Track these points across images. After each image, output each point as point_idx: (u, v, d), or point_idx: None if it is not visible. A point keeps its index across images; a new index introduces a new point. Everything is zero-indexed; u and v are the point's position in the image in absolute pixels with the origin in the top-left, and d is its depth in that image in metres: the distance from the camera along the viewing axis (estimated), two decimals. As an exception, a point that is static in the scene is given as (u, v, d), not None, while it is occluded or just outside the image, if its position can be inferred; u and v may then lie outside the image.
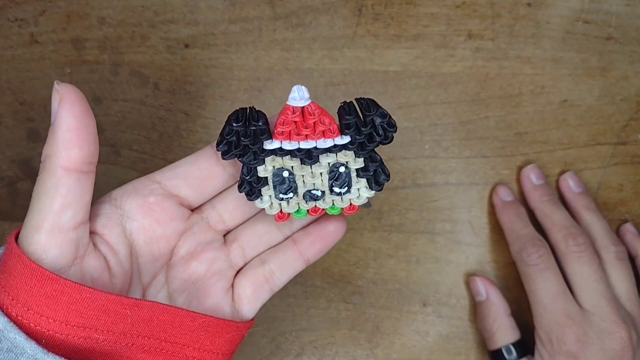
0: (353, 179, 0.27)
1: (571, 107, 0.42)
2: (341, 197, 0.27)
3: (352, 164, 0.27)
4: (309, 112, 0.26)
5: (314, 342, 0.42)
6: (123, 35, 0.42)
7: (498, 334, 0.38)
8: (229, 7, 0.42)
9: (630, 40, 0.41)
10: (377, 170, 0.27)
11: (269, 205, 0.27)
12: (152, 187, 0.29)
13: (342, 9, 0.42)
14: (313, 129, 0.26)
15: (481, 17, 0.41)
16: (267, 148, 0.26)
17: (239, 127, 0.26)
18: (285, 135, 0.26)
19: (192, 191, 0.29)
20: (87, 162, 0.25)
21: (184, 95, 0.42)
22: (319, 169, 0.27)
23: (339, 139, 0.26)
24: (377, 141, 0.26)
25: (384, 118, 0.26)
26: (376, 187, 0.27)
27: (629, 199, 0.41)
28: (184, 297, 0.30)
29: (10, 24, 0.42)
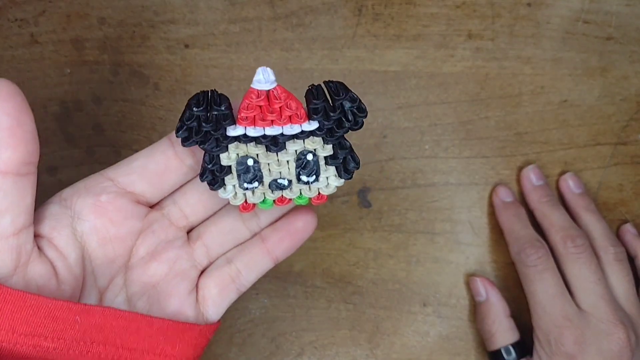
0: (321, 167, 0.25)
1: (571, 107, 0.42)
2: (309, 186, 0.26)
3: (321, 151, 0.25)
4: (274, 96, 0.24)
5: (314, 343, 0.42)
6: (123, 35, 0.42)
7: (497, 334, 0.38)
8: (229, 7, 0.42)
9: (630, 40, 0.41)
10: (347, 158, 0.26)
11: (232, 195, 0.26)
12: (104, 185, 0.27)
13: (342, 9, 0.42)
14: (279, 114, 0.24)
15: (481, 17, 0.41)
16: (230, 134, 0.24)
17: (200, 111, 0.24)
18: (250, 120, 0.24)
19: (148, 186, 0.27)
20: (24, 163, 0.23)
21: (184, 96, 0.42)
22: (286, 156, 0.25)
23: (306, 125, 0.25)
24: (347, 127, 0.25)
25: (354, 102, 0.25)
26: (345, 175, 0.26)
27: (629, 199, 0.41)
28: (144, 301, 0.28)
29: (10, 24, 0.42)
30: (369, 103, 0.42)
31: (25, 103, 0.23)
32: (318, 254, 0.42)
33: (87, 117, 0.42)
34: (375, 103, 0.42)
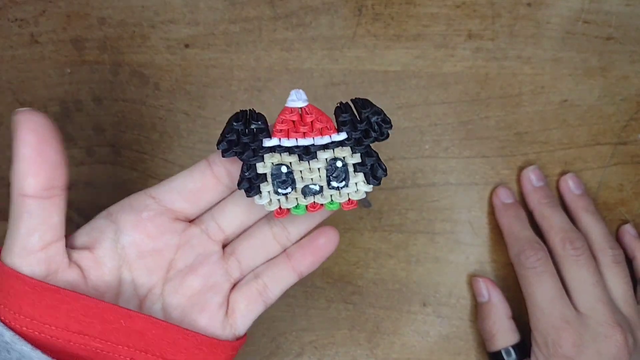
0: (350, 174, 0.27)
1: (571, 107, 0.42)
2: (339, 191, 0.27)
3: (349, 159, 0.27)
4: (306, 112, 0.27)
5: (314, 342, 0.42)
6: (123, 35, 0.42)
7: (498, 335, 0.38)
8: (229, 7, 0.42)
9: (630, 40, 0.41)
10: (374, 165, 0.27)
11: (267, 202, 0.27)
12: (147, 203, 0.29)
13: (342, 9, 0.42)
14: (311, 126, 0.27)
15: (481, 17, 0.41)
16: (266, 145, 0.27)
17: (239, 126, 0.27)
18: (284, 133, 0.27)
19: (187, 204, 0.30)
20: (46, 188, 0.25)
21: (184, 95, 0.42)
22: (317, 164, 0.27)
23: (335, 136, 0.27)
24: (373, 137, 0.27)
25: (379, 115, 0.27)
26: (374, 181, 0.28)
27: (629, 199, 0.41)
28: (179, 312, 0.30)
29: (11, 24, 0.42)
30: (369, 103, 0.42)
31: (49, 132, 0.25)
32: (318, 254, 0.42)
33: (87, 117, 0.42)
34: (376, 103, 0.42)
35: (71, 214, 0.42)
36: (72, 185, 0.42)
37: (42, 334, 0.25)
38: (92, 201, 0.42)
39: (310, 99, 0.41)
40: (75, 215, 0.42)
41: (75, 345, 0.25)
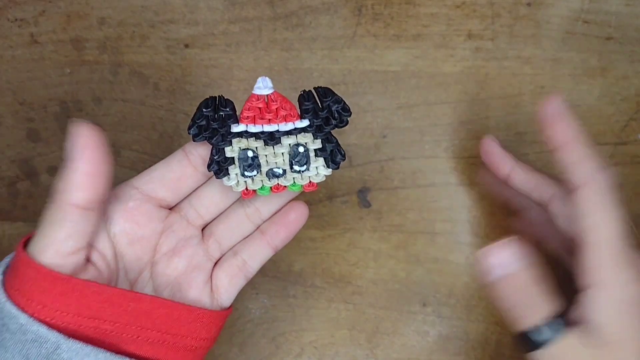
0: (311, 159, 0.30)
1: (571, 107, 0.42)
2: (301, 175, 0.30)
3: (311, 144, 0.29)
4: (272, 100, 0.29)
5: (314, 342, 0.42)
6: (123, 35, 0.42)
7: (532, 307, 0.29)
8: (228, 7, 0.42)
9: (630, 40, 0.42)
10: (334, 150, 0.30)
11: (235, 183, 0.30)
12: (131, 193, 0.31)
13: (342, 9, 0.42)
14: (275, 113, 0.29)
15: (481, 17, 0.41)
16: (233, 131, 0.29)
17: (209, 112, 0.29)
18: (250, 119, 0.29)
19: (168, 192, 0.32)
20: (93, 201, 0.28)
21: (184, 95, 0.42)
22: (281, 149, 0.29)
23: (298, 122, 0.29)
24: (334, 124, 0.29)
25: (339, 103, 0.29)
26: (333, 165, 0.30)
27: (629, 199, 0.41)
28: (168, 291, 0.32)
29: (10, 24, 0.42)
30: (369, 103, 0.42)
31: (107, 152, 0.28)
32: (318, 254, 0.42)
33: (87, 117, 0.42)
34: (375, 103, 0.42)
35: (71, 214, 0.42)
36: (72, 185, 0.42)
37: (53, 320, 0.27)
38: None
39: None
40: (75, 215, 0.42)
41: (87, 328, 0.27)
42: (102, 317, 0.28)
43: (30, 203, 0.42)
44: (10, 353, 0.27)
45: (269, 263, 0.42)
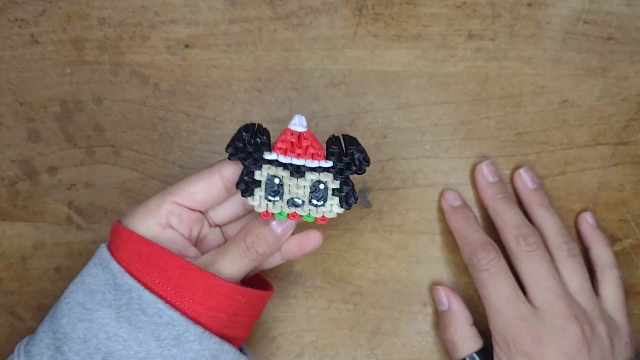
0: (329, 196, 0.33)
1: (572, 107, 0.42)
2: (317, 208, 0.33)
3: (330, 183, 0.33)
4: (304, 137, 0.32)
5: (314, 343, 0.42)
6: (123, 35, 0.42)
7: (460, 344, 0.38)
8: (229, 7, 0.42)
9: (630, 40, 0.41)
10: (349, 193, 0.33)
11: (258, 204, 0.32)
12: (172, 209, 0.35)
13: (343, 9, 0.41)
14: (305, 150, 0.32)
15: (481, 17, 0.41)
16: (266, 157, 0.32)
17: (247, 136, 0.32)
18: (282, 150, 0.32)
19: (202, 208, 0.35)
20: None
21: (184, 96, 0.42)
22: (304, 182, 0.33)
23: (323, 162, 0.32)
24: (353, 170, 0.32)
25: (361, 153, 0.32)
26: (346, 206, 0.33)
27: (630, 199, 0.41)
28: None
29: (11, 24, 0.42)
30: (370, 103, 0.42)
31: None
32: (318, 254, 0.42)
33: (88, 117, 0.42)
34: (376, 103, 0.42)
35: (71, 214, 0.42)
36: (72, 185, 0.42)
37: (181, 306, 0.31)
38: (92, 201, 0.42)
39: (310, 99, 0.41)
40: (75, 215, 0.42)
41: (204, 317, 0.32)
42: (219, 308, 0.32)
43: (30, 203, 0.42)
44: (143, 333, 0.30)
45: (269, 263, 0.42)
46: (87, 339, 0.31)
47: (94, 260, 0.33)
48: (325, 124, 0.42)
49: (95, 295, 0.32)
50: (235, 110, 0.42)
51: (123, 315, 0.31)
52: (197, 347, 0.31)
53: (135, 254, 0.32)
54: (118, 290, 0.31)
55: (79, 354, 0.31)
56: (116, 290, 0.31)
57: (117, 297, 0.31)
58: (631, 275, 0.42)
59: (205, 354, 0.31)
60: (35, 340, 0.32)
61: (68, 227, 0.42)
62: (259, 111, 0.42)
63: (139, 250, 0.32)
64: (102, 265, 0.32)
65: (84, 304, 0.32)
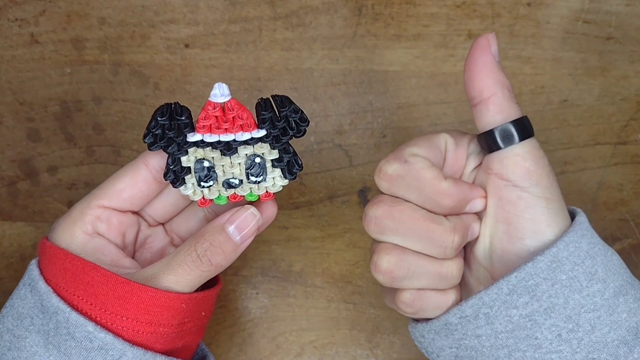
0: (268, 169, 0.29)
1: (571, 107, 0.42)
2: (257, 185, 0.30)
3: (268, 155, 0.29)
4: (228, 108, 0.28)
5: (314, 342, 0.42)
6: (123, 35, 0.42)
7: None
8: (229, 7, 0.42)
9: (630, 40, 0.42)
10: (291, 161, 0.29)
11: (192, 192, 0.29)
12: (99, 213, 0.31)
13: (342, 8, 0.42)
14: (232, 122, 0.28)
15: (481, 17, 0.41)
16: (189, 140, 0.28)
17: (164, 120, 0.28)
18: (207, 128, 0.28)
19: (133, 206, 0.31)
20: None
21: (184, 95, 0.42)
22: (237, 159, 0.29)
23: (255, 132, 0.29)
24: (291, 134, 0.29)
25: (297, 113, 0.28)
26: (289, 176, 0.30)
27: (629, 199, 0.42)
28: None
29: (11, 24, 0.43)
30: (369, 103, 0.42)
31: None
32: (318, 254, 0.42)
33: (87, 117, 0.42)
34: (376, 103, 0.42)
35: (71, 213, 0.42)
36: (72, 185, 0.42)
37: (113, 325, 0.27)
38: (92, 201, 0.42)
39: (310, 99, 0.41)
40: (75, 215, 0.42)
41: (143, 334, 0.28)
42: (159, 322, 0.28)
43: (30, 203, 0.42)
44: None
45: (268, 263, 0.42)
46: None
47: (24, 280, 0.30)
48: (325, 123, 0.42)
49: (24, 321, 0.28)
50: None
51: (52, 342, 0.27)
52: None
53: (62, 271, 0.28)
54: (45, 313, 0.28)
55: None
56: (44, 314, 0.28)
57: (45, 321, 0.28)
58: (631, 274, 0.42)
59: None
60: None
61: (68, 226, 0.42)
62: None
63: (65, 267, 0.28)
64: (31, 286, 0.29)
65: (13, 331, 0.28)
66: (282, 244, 0.42)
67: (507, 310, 0.27)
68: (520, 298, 0.27)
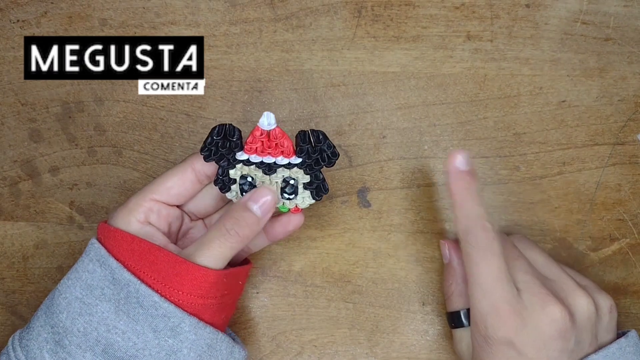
0: (300, 189, 0.35)
1: (569, 108, 0.42)
2: (289, 200, 0.35)
3: (301, 178, 0.34)
4: (273, 135, 0.33)
5: (314, 341, 0.42)
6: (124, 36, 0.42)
7: (453, 297, 0.39)
8: (229, 8, 0.42)
9: (628, 41, 0.42)
10: (319, 186, 0.35)
11: (235, 197, 0.35)
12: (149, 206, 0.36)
13: (342, 10, 0.42)
14: (275, 148, 0.34)
15: (480, 18, 0.42)
16: (238, 158, 0.34)
17: (219, 138, 0.33)
18: (253, 150, 0.34)
19: (179, 202, 0.37)
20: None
21: (185, 96, 0.42)
22: (276, 178, 0.34)
23: (293, 159, 0.34)
24: (323, 165, 0.34)
25: (330, 148, 0.33)
26: (317, 197, 0.35)
27: (627, 199, 0.42)
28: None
29: (12, 25, 0.43)
30: (369, 104, 0.42)
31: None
32: (318, 254, 0.42)
33: (89, 118, 0.43)
34: (375, 104, 0.42)
35: (72, 213, 0.42)
36: (74, 185, 0.42)
37: (171, 297, 0.33)
38: (93, 201, 0.42)
39: (310, 100, 0.42)
40: (77, 215, 0.42)
41: (194, 305, 0.33)
42: (207, 295, 0.33)
43: (32, 203, 0.43)
44: (141, 325, 0.32)
45: (269, 262, 0.42)
46: (88, 332, 0.32)
47: (89, 256, 0.34)
48: (324, 124, 0.42)
49: (94, 291, 0.33)
50: (236, 110, 0.42)
51: (122, 309, 0.32)
52: (193, 337, 0.33)
53: (129, 251, 0.33)
54: (116, 285, 0.33)
55: (79, 346, 0.32)
56: (114, 285, 0.33)
57: (116, 291, 0.32)
58: (629, 274, 0.42)
59: (201, 344, 0.33)
60: (31, 334, 0.33)
61: (69, 226, 0.43)
62: (259, 112, 0.42)
63: (132, 248, 0.33)
64: (100, 261, 0.33)
65: (82, 299, 0.33)
66: (282, 243, 0.42)
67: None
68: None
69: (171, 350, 0.32)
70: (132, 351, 0.32)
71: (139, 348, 0.32)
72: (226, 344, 0.35)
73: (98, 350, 0.32)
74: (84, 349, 0.32)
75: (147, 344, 0.32)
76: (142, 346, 0.32)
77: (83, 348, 0.32)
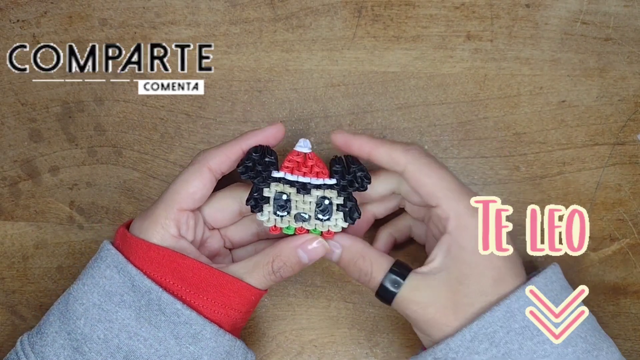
0: (333, 211, 0.35)
1: (569, 108, 0.42)
2: (322, 222, 0.35)
3: (335, 199, 0.35)
4: (309, 158, 0.35)
5: (314, 341, 0.42)
6: (124, 36, 0.42)
7: (373, 267, 0.35)
8: (229, 8, 0.42)
9: (628, 41, 0.42)
10: (352, 208, 0.35)
11: (267, 219, 0.35)
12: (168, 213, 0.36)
13: (342, 10, 0.42)
14: (310, 169, 0.35)
15: (480, 18, 0.42)
16: (274, 176, 0.35)
17: (257, 156, 0.35)
18: (289, 169, 0.35)
19: (194, 205, 0.36)
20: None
21: (184, 96, 0.42)
22: (310, 198, 0.35)
23: (328, 180, 0.35)
24: (355, 187, 0.35)
25: (363, 172, 0.35)
26: (349, 220, 0.35)
27: (627, 199, 0.42)
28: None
29: (12, 25, 0.43)
30: (369, 104, 0.42)
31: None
32: (318, 254, 0.42)
33: (89, 118, 0.43)
34: (375, 104, 0.42)
35: (72, 213, 0.42)
36: (74, 185, 0.43)
37: (194, 303, 0.33)
38: (93, 201, 0.42)
39: (310, 100, 0.42)
40: (77, 215, 0.43)
41: (222, 316, 0.34)
42: (233, 306, 0.34)
43: (32, 203, 0.43)
44: (163, 332, 0.32)
45: (269, 262, 0.42)
46: (108, 339, 0.32)
47: (106, 262, 0.34)
48: (324, 124, 0.42)
49: (113, 297, 0.33)
50: (236, 110, 0.42)
51: (143, 316, 0.32)
52: (213, 344, 0.33)
53: (147, 259, 0.33)
54: (137, 292, 0.33)
55: (100, 353, 0.32)
56: (134, 292, 0.33)
57: (136, 298, 0.33)
58: (629, 274, 0.42)
59: (220, 351, 0.33)
60: (45, 340, 0.33)
61: (69, 226, 0.43)
62: (259, 112, 0.42)
63: (149, 256, 0.33)
64: (118, 268, 0.33)
65: (100, 305, 0.33)
66: (282, 243, 0.42)
67: (470, 356, 0.32)
68: (481, 344, 0.31)
69: (192, 357, 0.33)
70: (154, 358, 0.32)
71: (160, 355, 0.32)
72: (242, 350, 0.35)
73: (119, 357, 0.32)
74: (105, 355, 0.32)
75: (169, 350, 0.32)
76: (164, 353, 0.32)
77: (104, 355, 0.32)
